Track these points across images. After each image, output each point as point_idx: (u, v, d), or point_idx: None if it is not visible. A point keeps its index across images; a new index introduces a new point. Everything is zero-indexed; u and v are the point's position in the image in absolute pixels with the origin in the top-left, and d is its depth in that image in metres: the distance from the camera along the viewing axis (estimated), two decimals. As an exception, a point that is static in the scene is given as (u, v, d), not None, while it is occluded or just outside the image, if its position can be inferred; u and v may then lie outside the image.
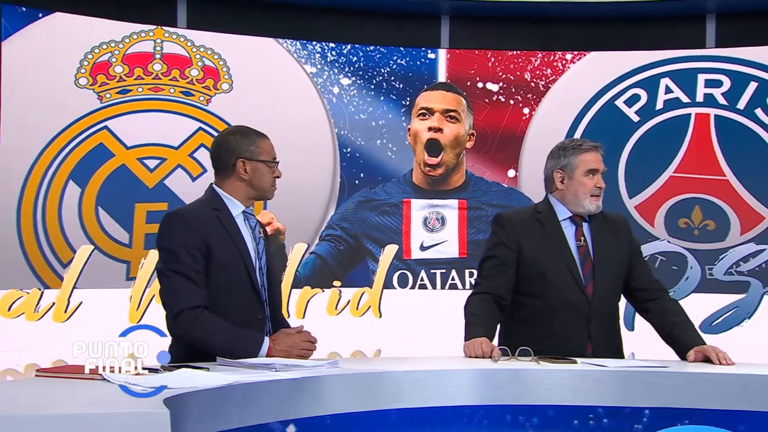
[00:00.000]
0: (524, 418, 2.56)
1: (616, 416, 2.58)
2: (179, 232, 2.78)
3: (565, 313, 3.12)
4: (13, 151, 5.04)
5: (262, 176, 2.91)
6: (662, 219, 5.54)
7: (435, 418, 2.54)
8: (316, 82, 5.60)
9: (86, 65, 5.26)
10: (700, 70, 5.61)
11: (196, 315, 2.70)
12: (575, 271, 3.11)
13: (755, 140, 5.47)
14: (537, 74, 5.69)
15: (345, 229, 5.49)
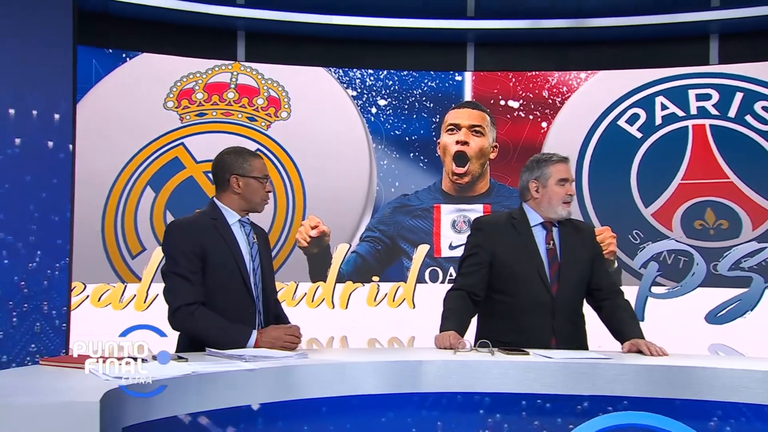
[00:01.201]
0: (475, 401, 2.55)
1: (558, 403, 2.54)
2: (178, 239, 2.83)
3: (532, 310, 3.09)
4: (104, 162, 5.20)
5: (253, 191, 2.92)
6: (679, 223, 5.37)
7: (395, 402, 2.53)
8: (357, 103, 5.59)
9: (174, 91, 5.40)
10: (689, 86, 5.46)
11: (192, 311, 2.72)
12: (543, 272, 3.09)
13: (750, 143, 5.29)
14: (554, 92, 5.59)
15: (382, 231, 5.48)
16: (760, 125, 5.29)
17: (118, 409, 1.88)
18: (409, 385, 2.49)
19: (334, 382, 2.41)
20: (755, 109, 5.31)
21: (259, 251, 2.99)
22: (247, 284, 2.88)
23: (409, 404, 2.52)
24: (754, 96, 5.33)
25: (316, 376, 2.38)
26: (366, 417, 2.50)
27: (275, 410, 2.35)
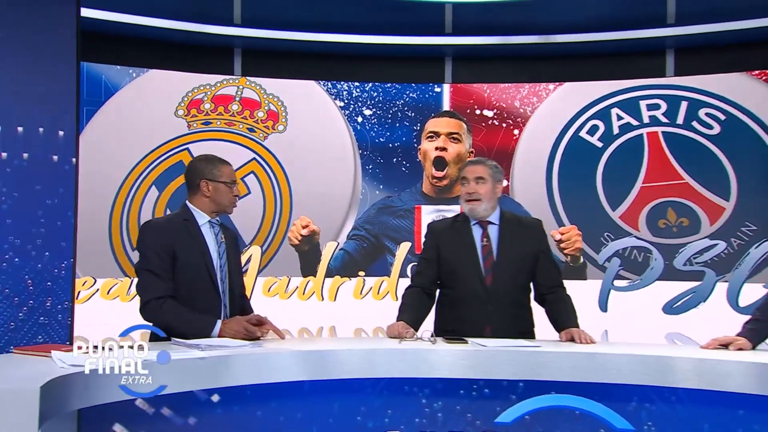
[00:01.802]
0: (418, 388, 2.58)
1: (490, 387, 2.57)
2: (150, 239, 2.84)
3: (469, 300, 3.11)
4: (114, 164, 5.27)
5: (222, 194, 2.93)
6: (644, 223, 5.40)
7: (339, 387, 2.55)
8: (344, 113, 5.61)
9: (186, 100, 5.45)
10: (640, 97, 5.48)
11: (161, 304, 2.74)
12: (477, 266, 3.10)
13: (698, 146, 5.32)
14: (524, 102, 5.60)
15: (368, 230, 5.52)
16: (705, 129, 5.32)
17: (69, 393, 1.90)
18: (358, 371, 2.50)
19: (285, 368, 2.41)
20: (700, 116, 5.33)
21: (227, 250, 2.98)
22: (213, 280, 2.88)
23: (360, 390, 2.54)
24: (698, 104, 5.35)
25: (269, 363, 2.39)
26: (309, 404, 2.52)
27: (232, 395, 2.38)
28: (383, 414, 2.54)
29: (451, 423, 2.56)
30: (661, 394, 2.48)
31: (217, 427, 2.36)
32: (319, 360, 2.49)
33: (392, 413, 2.54)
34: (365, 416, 2.53)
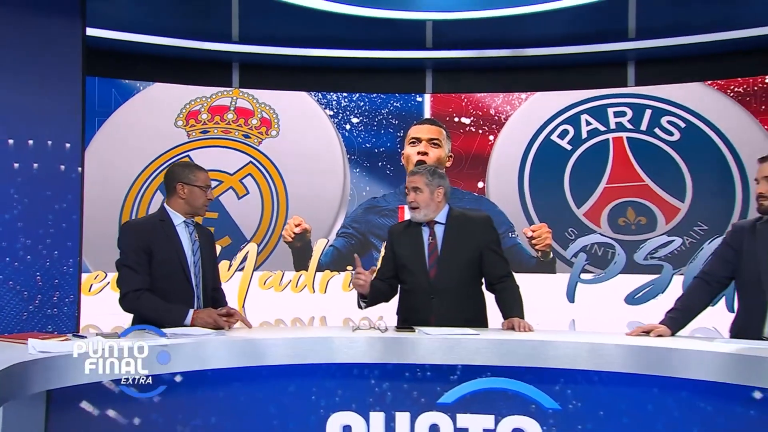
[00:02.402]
0: (367, 371, 2.64)
1: (433, 371, 2.63)
2: (128, 237, 2.89)
3: (416, 293, 3.16)
4: (123, 170, 5.32)
5: (196, 197, 2.95)
6: (606, 221, 5.42)
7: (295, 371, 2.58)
8: (333, 121, 5.63)
9: (184, 112, 5.48)
10: (608, 105, 5.48)
11: (138, 296, 2.78)
12: (423, 262, 3.15)
13: (659, 151, 5.32)
14: (499, 110, 5.62)
15: (355, 228, 5.55)
16: (666, 136, 5.33)
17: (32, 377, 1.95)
18: (312, 357, 2.54)
19: (244, 354, 2.46)
20: (662, 123, 5.34)
21: (201, 248, 3.00)
22: (187, 274, 2.91)
23: (309, 374, 2.59)
24: (661, 112, 5.36)
25: (229, 349, 2.44)
26: (269, 386, 2.56)
27: (195, 377, 2.43)
28: (335, 394, 2.61)
29: (398, 403, 2.62)
30: (585, 375, 2.53)
31: (180, 407, 2.42)
32: (278, 346, 2.54)
33: (343, 393, 2.61)
34: (318, 396, 2.60)
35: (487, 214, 3.33)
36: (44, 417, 2.16)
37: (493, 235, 3.24)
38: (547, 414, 2.56)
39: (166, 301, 2.81)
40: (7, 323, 3.92)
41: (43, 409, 2.16)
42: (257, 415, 2.53)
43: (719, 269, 2.85)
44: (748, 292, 2.75)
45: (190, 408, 2.45)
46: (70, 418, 2.24)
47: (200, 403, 2.46)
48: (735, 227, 2.87)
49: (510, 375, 2.59)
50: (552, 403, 2.56)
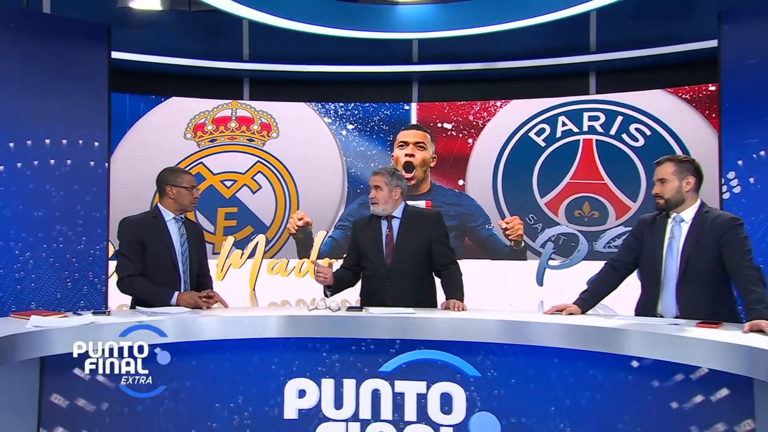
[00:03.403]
0: (320, 345, 2.74)
1: (375, 344, 2.72)
2: (124, 231, 3.01)
3: (374, 277, 3.22)
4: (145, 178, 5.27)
5: (183, 197, 3.06)
6: (563, 211, 5.51)
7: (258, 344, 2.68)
8: (331, 128, 5.76)
9: (191, 125, 5.65)
10: (584, 109, 5.54)
11: (132, 280, 2.92)
12: (380, 251, 3.21)
13: (622, 155, 5.39)
14: (477, 116, 5.71)
15: (351, 221, 5.61)
16: (631, 141, 5.37)
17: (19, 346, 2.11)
18: (273, 332, 2.67)
19: (215, 329, 2.59)
20: (630, 130, 5.38)
21: (188, 240, 3.09)
22: (174, 263, 3.01)
23: (270, 347, 2.70)
24: (630, 119, 5.39)
25: (202, 325, 2.58)
26: (235, 357, 2.68)
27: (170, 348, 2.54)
28: (292, 364, 2.72)
29: (345, 371, 2.72)
30: (500, 348, 2.64)
31: (160, 372, 2.55)
32: (243, 323, 2.66)
33: (299, 363, 2.72)
34: (278, 366, 2.71)
35: (438, 211, 3.40)
36: (38, 381, 2.33)
37: (441, 228, 3.29)
38: (469, 381, 2.67)
39: (156, 285, 2.96)
40: (48, 298, 4.08)
41: (37, 374, 2.33)
42: (225, 380, 2.66)
43: (625, 256, 2.95)
44: (647, 276, 2.84)
45: (169, 373, 2.58)
46: (63, 381, 2.39)
47: (176, 370, 2.59)
48: (639, 220, 2.95)
49: (439, 348, 2.69)
50: (474, 371, 2.66)
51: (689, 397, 2.24)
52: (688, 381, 2.24)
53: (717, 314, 2.57)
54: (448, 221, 5.61)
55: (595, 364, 2.46)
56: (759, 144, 3.86)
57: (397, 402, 2.71)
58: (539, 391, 2.58)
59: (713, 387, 2.17)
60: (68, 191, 4.16)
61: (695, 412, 2.22)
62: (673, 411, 2.27)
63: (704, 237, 2.67)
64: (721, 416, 2.15)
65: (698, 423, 2.21)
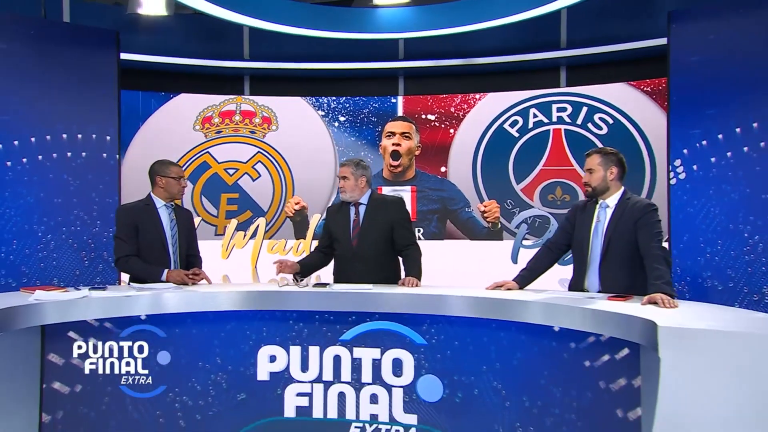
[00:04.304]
0: (286, 317, 2.90)
1: (336, 316, 2.89)
2: (120, 216, 3.22)
3: (342, 258, 3.38)
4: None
5: (172, 186, 3.24)
6: (538, 196, 5.59)
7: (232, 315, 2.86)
8: (324, 120, 5.85)
9: (199, 118, 5.80)
10: (553, 101, 5.59)
11: (126, 260, 3.12)
12: (347, 234, 3.36)
13: (588, 143, 5.42)
14: (458, 108, 5.79)
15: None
16: (596, 130, 5.44)
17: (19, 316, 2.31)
18: (246, 305, 2.85)
19: (194, 303, 2.77)
20: (594, 119, 5.45)
21: (177, 224, 3.26)
22: (165, 245, 3.19)
23: (244, 318, 2.88)
24: (594, 110, 5.46)
25: (184, 299, 2.75)
26: (217, 325, 2.86)
27: (156, 318, 2.75)
28: (263, 332, 2.90)
29: (310, 339, 2.91)
30: (444, 318, 2.80)
31: (147, 338, 2.76)
32: (220, 297, 2.84)
33: (268, 331, 2.90)
34: (250, 332, 2.89)
35: (401, 198, 3.51)
36: (40, 345, 2.56)
37: (403, 214, 3.44)
38: (417, 347, 2.85)
39: (149, 264, 3.15)
40: (68, 275, 4.32)
41: (38, 339, 2.56)
42: (205, 346, 2.86)
43: (560, 238, 3.11)
44: (576, 256, 3.01)
45: (155, 339, 2.80)
46: (60, 344, 2.62)
47: (160, 336, 2.80)
48: (573, 206, 3.11)
49: (392, 319, 2.86)
50: (420, 339, 2.84)
51: (598, 357, 2.41)
52: (598, 343, 2.42)
53: (634, 289, 2.72)
54: (432, 205, 5.81)
55: (523, 330, 2.64)
56: (701, 134, 3.95)
57: (355, 366, 2.88)
58: (475, 355, 2.76)
59: (617, 348, 2.35)
60: (84, 180, 4.37)
61: (603, 369, 2.39)
62: (585, 368, 2.45)
63: (624, 221, 2.83)
64: (623, 372, 2.32)
65: (605, 378, 2.39)
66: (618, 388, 2.32)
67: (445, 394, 2.81)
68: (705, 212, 3.92)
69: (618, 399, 2.30)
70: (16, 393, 2.43)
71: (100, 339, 2.70)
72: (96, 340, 2.68)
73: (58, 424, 2.68)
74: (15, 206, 4.19)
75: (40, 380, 2.56)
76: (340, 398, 2.90)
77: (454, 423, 2.79)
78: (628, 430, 2.26)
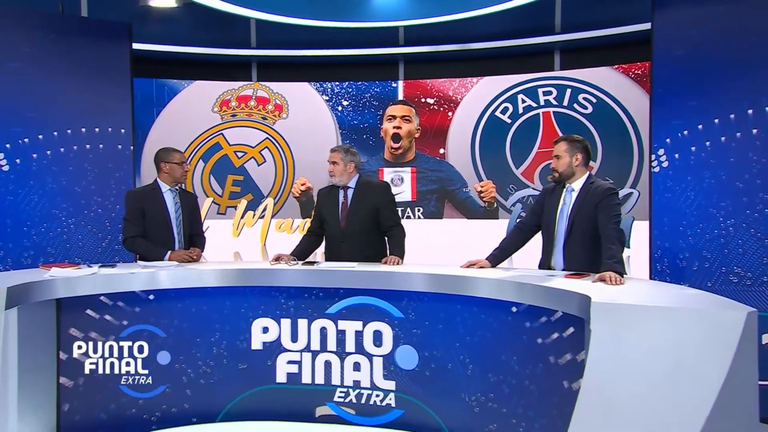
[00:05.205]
0: (278, 293, 3.12)
1: (322, 292, 3.10)
2: (128, 200, 3.41)
3: (332, 238, 3.55)
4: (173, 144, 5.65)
5: (175, 171, 3.43)
6: (537, 178, 5.69)
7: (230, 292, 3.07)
8: (329, 104, 5.98)
9: (218, 100, 5.97)
10: (538, 86, 5.65)
11: (134, 240, 3.33)
12: (336, 216, 3.52)
13: (576, 122, 5.51)
14: (456, 91, 5.88)
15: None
16: (582, 110, 5.51)
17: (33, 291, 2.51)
18: (241, 281, 3.05)
19: (191, 279, 2.98)
20: (579, 99, 5.52)
21: (182, 207, 3.45)
22: (169, 226, 3.38)
23: (240, 293, 3.10)
24: (578, 91, 5.52)
25: (181, 276, 2.97)
26: (213, 301, 3.07)
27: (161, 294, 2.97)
28: (257, 307, 3.14)
29: (299, 313, 3.13)
30: (418, 295, 3.01)
31: (153, 313, 2.99)
32: (217, 274, 3.04)
33: (263, 307, 3.13)
34: (246, 308, 3.13)
35: (386, 182, 3.69)
36: (55, 317, 2.81)
37: (388, 197, 3.60)
38: (395, 321, 3.07)
39: (155, 244, 3.37)
40: (89, 254, 4.58)
41: (54, 312, 2.78)
42: (204, 319, 3.10)
43: (530, 219, 3.28)
44: (544, 236, 3.18)
45: (160, 313, 3.03)
46: (77, 319, 2.86)
47: (166, 311, 3.03)
48: (543, 189, 3.27)
49: (372, 294, 3.07)
50: (399, 313, 3.06)
51: (549, 334, 2.61)
52: (549, 322, 2.61)
53: (595, 267, 2.89)
54: (431, 185, 5.98)
55: (485, 308, 2.84)
56: (683, 124, 4.03)
57: (340, 337, 3.11)
58: (446, 330, 2.97)
59: (565, 326, 2.54)
60: (102, 169, 4.62)
61: (552, 346, 2.59)
62: (538, 345, 2.65)
63: (586, 204, 2.99)
64: (569, 348, 2.52)
65: (554, 353, 2.59)
66: (565, 362, 2.52)
67: (419, 363, 3.03)
68: (684, 198, 4.01)
69: (564, 371, 2.50)
70: (37, 360, 2.70)
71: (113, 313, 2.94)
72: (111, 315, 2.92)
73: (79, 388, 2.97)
74: (40, 193, 4.49)
75: (56, 349, 2.84)
76: (327, 366, 3.13)
77: (427, 390, 3.02)
78: (573, 399, 2.45)
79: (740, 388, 1.90)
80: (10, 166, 4.46)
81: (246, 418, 3.13)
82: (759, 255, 3.71)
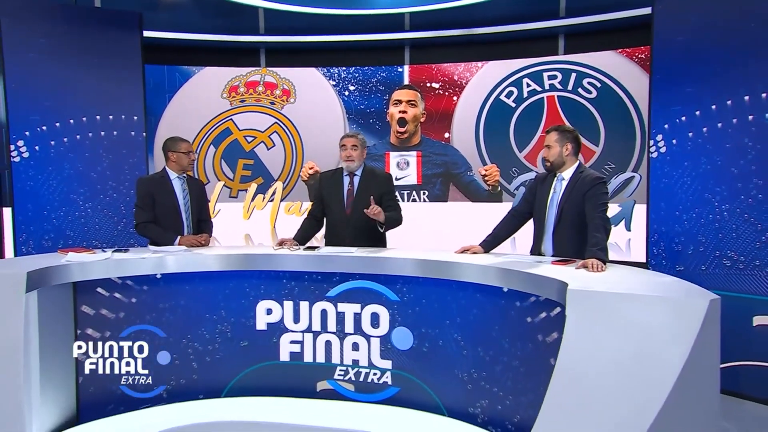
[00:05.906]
0: (281, 275, 3.23)
1: (323, 276, 3.21)
2: (139, 187, 3.51)
3: (337, 224, 3.61)
4: (184, 130, 5.79)
5: (182, 160, 3.52)
6: (541, 162, 5.73)
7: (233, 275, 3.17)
8: (336, 89, 6.06)
9: (227, 86, 6.08)
10: (543, 70, 5.68)
11: (145, 226, 3.45)
12: (341, 202, 3.58)
13: (580, 106, 5.55)
14: (461, 76, 5.94)
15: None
16: (586, 94, 5.54)
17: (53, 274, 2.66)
18: (245, 266, 3.17)
19: (201, 263, 3.09)
20: (584, 84, 5.55)
21: (190, 194, 3.55)
22: (178, 212, 3.49)
23: (244, 276, 3.22)
24: (583, 75, 5.55)
25: (189, 260, 3.10)
26: (218, 283, 3.19)
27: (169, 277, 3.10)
28: (260, 289, 3.26)
29: (300, 294, 3.25)
30: (414, 279, 3.12)
31: (161, 293, 3.12)
32: (222, 258, 3.17)
33: (265, 288, 3.26)
34: (249, 289, 3.26)
35: (389, 173, 3.78)
36: (72, 298, 2.99)
37: (389, 187, 3.69)
38: (391, 303, 3.19)
39: (165, 230, 3.51)
40: (106, 238, 4.82)
41: (71, 294, 2.95)
42: (210, 300, 3.24)
43: (522, 207, 3.38)
44: (536, 223, 3.29)
45: (167, 294, 3.16)
46: (90, 297, 3.03)
47: (173, 291, 3.16)
48: (535, 178, 3.37)
49: (369, 279, 3.18)
50: (394, 296, 3.18)
51: (537, 314, 2.73)
52: (538, 302, 2.73)
53: (581, 254, 3.00)
54: (436, 169, 6.09)
55: (478, 289, 2.96)
56: (681, 110, 4.09)
57: (339, 319, 3.23)
58: (440, 310, 3.09)
59: (552, 306, 2.65)
60: (116, 155, 4.80)
61: (541, 325, 2.71)
62: (527, 323, 2.77)
63: (575, 192, 3.09)
64: (555, 328, 2.62)
65: (542, 332, 2.70)
66: (552, 340, 2.64)
67: (414, 343, 3.17)
68: (681, 183, 4.09)
69: (551, 350, 2.63)
70: (56, 339, 2.89)
71: (123, 292, 3.10)
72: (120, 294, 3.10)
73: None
74: (58, 179, 4.69)
75: (74, 328, 3.03)
76: (327, 346, 3.26)
77: (422, 368, 3.17)
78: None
79: (702, 369, 2.03)
80: (29, 153, 4.68)
81: (249, 393, 3.27)
82: (752, 239, 3.79)
